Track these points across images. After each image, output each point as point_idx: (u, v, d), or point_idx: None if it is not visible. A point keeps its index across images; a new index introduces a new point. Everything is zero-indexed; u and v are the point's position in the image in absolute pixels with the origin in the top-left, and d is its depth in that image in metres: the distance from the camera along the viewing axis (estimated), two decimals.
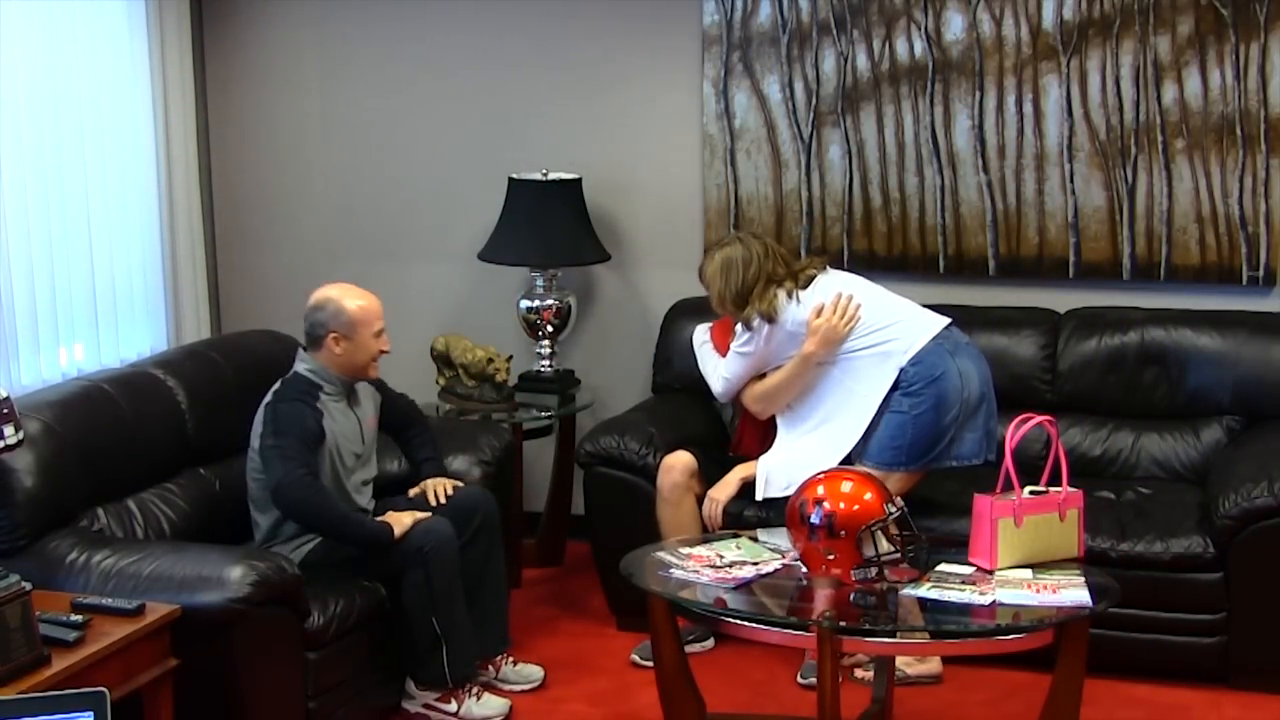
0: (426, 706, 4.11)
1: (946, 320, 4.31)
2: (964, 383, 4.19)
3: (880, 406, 4.21)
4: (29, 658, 3.01)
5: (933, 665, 4.26)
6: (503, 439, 4.76)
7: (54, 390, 4.11)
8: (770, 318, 4.25)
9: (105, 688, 2.50)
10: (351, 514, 4.08)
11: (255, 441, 4.12)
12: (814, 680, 3.49)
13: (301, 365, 4.19)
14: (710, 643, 4.49)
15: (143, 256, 5.37)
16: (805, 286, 4.27)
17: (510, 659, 4.34)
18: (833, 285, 4.29)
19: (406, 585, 4.03)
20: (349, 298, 4.15)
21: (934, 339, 4.23)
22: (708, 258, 4.43)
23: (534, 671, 4.35)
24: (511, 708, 4.13)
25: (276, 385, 4.17)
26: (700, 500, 4.42)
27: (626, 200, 5.43)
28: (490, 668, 4.30)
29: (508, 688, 4.28)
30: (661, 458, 4.48)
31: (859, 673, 4.20)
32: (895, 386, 4.19)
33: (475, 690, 4.12)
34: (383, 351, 4.19)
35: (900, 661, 4.10)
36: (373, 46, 5.64)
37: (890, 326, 4.25)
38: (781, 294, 4.26)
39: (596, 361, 5.53)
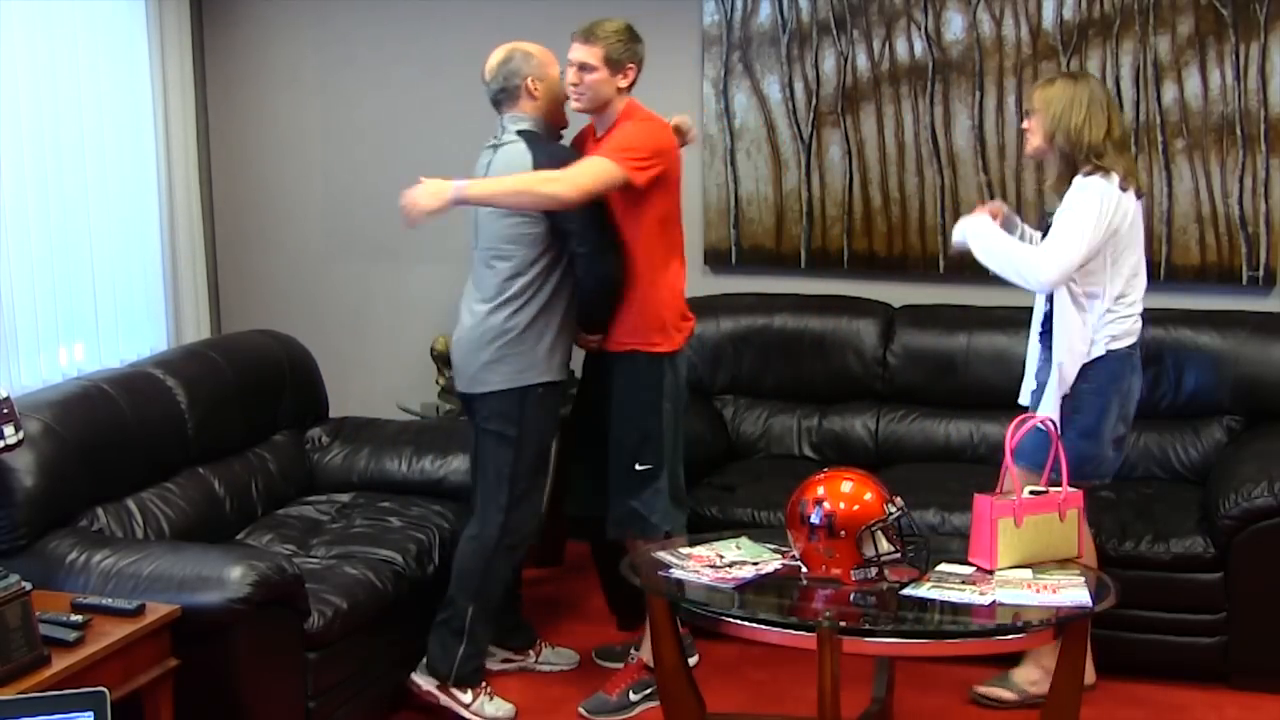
0: (439, 689, 4.05)
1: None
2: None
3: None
4: (29, 658, 3.00)
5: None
6: None
7: (54, 390, 4.11)
8: None
9: (105, 688, 2.50)
10: None
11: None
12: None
13: (517, 125, 3.93)
14: (694, 660, 4.28)
15: (143, 256, 5.37)
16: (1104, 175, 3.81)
17: (547, 642, 4.46)
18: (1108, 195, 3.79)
19: (464, 540, 4.05)
20: (526, 43, 3.98)
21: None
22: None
23: (572, 654, 4.47)
24: (516, 713, 4.13)
25: (520, 144, 3.86)
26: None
27: None
28: (531, 652, 4.41)
29: (548, 668, 4.40)
30: None
31: (980, 688, 4.12)
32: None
33: (490, 690, 4.12)
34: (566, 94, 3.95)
35: (1024, 681, 4.06)
36: (373, 46, 5.64)
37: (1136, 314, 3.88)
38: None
39: None
